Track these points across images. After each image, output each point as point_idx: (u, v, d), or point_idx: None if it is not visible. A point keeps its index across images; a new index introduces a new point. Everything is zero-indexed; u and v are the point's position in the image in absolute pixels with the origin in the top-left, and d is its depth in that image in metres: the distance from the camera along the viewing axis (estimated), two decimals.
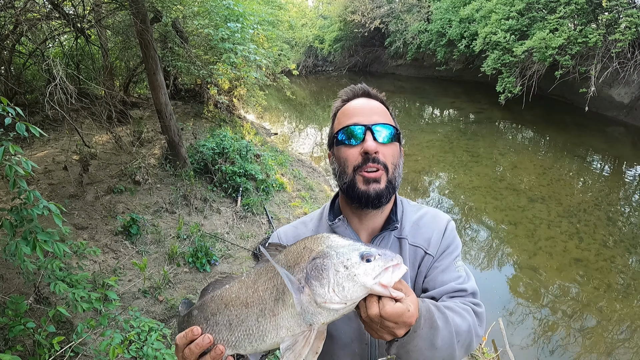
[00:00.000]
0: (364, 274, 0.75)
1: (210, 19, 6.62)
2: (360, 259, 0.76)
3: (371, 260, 0.76)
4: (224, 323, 0.87)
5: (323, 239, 0.83)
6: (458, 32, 15.65)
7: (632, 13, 10.18)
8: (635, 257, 5.69)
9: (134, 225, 4.81)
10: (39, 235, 2.16)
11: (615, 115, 11.80)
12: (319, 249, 0.81)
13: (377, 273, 0.75)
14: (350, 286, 0.75)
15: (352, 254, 0.77)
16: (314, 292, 0.76)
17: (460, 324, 0.94)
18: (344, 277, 0.75)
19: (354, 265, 0.76)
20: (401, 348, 0.85)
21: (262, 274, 0.87)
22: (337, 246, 0.80)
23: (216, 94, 9.16)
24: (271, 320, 0.81)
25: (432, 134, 11.65)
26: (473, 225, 6.80)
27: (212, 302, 0.91)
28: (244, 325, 0.84)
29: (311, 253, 0.81)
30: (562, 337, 4.37)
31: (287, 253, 0.86)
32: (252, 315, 0.83)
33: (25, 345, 2.67)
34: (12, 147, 2.02)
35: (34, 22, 5.06)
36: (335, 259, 0.77)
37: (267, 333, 0.81)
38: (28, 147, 6.64)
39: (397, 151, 1.09)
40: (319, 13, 27.52)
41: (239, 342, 0.85)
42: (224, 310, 0.88)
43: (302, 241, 0.86)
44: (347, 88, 1.15)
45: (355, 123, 1.05)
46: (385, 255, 0.77)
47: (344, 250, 0.78)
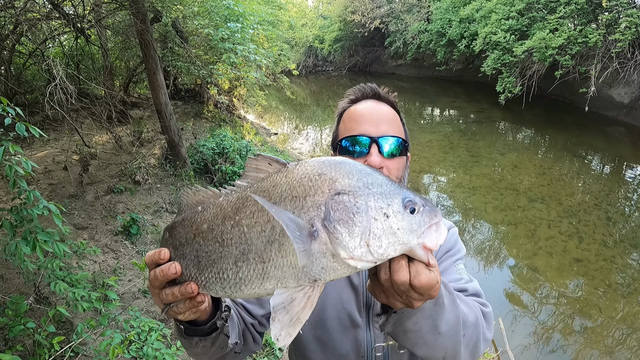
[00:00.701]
0: (408, 229, 0.60)
1: (210, 19, 6.62)
2: (404, 208, 0.60)
3: (415, 209, 0.61)
4: (191, 258, 0.69)
5: (349, 168, 0.63)
6: (458, 32, 15.65)
7: (632, 13, 10.18)
8: (635, 257, 5.69)
9: (134, 225, 4.81)
10: (39, 235, 2.16)
11: (615, 115, 11.80)
12: (347, 182, 0.61)
13: (422, 231, 0.61)
14: (390, 242, 0.58)
15: (394, 199, 0.60)
16: (337, 242, 0.58)
17: (468, 314, 0.83)
18: (383, 228, 0.58)
19: (397, 215, 0.59)
20: (399, 325, 0.74)
21: (249, 200, 0.64)
22: (373, 183, 0.61)
23: (216, 94, 9.17)
24: (256, 268, 0.62)
25: (432, 134, 11.65)
26: (473, 225, 6.80)
27: (182, 228, 0.72)
28: (217, 266, 0.65)
29: (333, 184, 0.61)
30: (562, 337, 4.37)
31: (291, 176, 0.63)
32: (228, 256, 0.64)
33: (25, 345, 2.67)
34: (12, 147, 2.03)
35: (34, 22, 5.06)
36: (372, 200, 0.59)
37: (247, 282, 0.63)
38: (28, 147, 6.64)
39: (403, 164, 1.04)
40: (319, 13, 27.53)
41: (209, 284, 0.67)
42: (192, 242, 0.69)
43: (315, 163, 0.64)
44: (356, 87, 1.09)
45: (362, 133, 0.99)
46: (430, 207, 0.62)
47: (384, 191, 0.61)
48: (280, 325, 0.58)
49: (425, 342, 0.76)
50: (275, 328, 0.58)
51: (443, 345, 0.78)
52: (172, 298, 0.69)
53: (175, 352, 2.58)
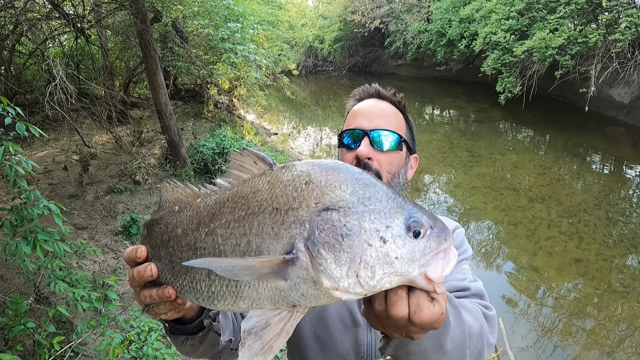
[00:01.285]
0: (409, 257, 0.50)
1: (210, 19, 6.62)
2: (407, 230, 0.50)
3: (420, 233, 0.51)
4: (166, 262, 0.62)
5: (342, 177, 0.52)
6: (458, 32, 15.65)
7: (632, 13, 10.18)
8: (635, 257, 5.69)
9: (134, 225, 4.81)
10: (39, 235, 2.16)
11: (615, 115, 11.80)
12: (338, 195, 0.51)
13: (427, 260, 0.51)
14: (385, 273, 0.49)
15: (395, 219, 0.50)
16: (320, 268, 0.49)
17: (473, 324, 0.79)
18: (378, 256, 0.49)
19: (396, 240, 0.49)
20: (401, 348, 0.68)
21: (227, 206, 0.56)
22: (371, 198, 0.51)
23: (216, 94, 9.18)
24: (229, 284, 0.55)
25: (432, 134, 11.65)
26: (473, 225, 6.80)
27: (157, 228, 0.66)
28: (190, 275, 0.59)
29: (321, 197, 0.51)
30: (562, 337, 4.37)
31: (275, 183, 0.54)
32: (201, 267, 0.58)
33: (25, 345, 2.67)
34: (12, 147, 2.03)
35: (34, 22, 5.06)
36: (368, 220, 0.49)
37: (219, 298, 0.57)
38: (28, 147, 6.64)
39: (399, 159, 1.04)
40: (319, 13, 27.53)
41: (183, 291, 0.61)
42: (167, 246, 0.62)
43: (304, 168, 0.55)
44: (360, 87, 1.13)
45: (356, 127, 1.03)
46: (439, 230, 0.52)
47: (383, 208, 0.50)
48: (249, 352, 0.51)
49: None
50: (244, 355, 0.51)
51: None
52: (151, 300, 0.65)
53: (175, 352, 2.58)
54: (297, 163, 0.57)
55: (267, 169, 0.58)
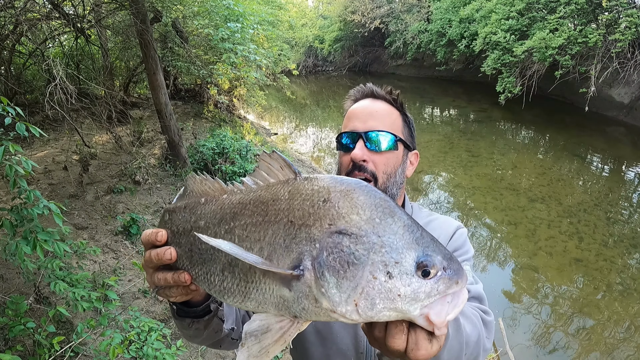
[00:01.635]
0: (412, 297, 0.49)
1: (210, 19, 6.62)
2: (416, 268, 0.50)
3: (430, 273, 0.50)
4: (185, 250, 0.65)
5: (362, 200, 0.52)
6: (458, 32, 15.66)
7: (632, 13, 10.18)
8: (635, 257, 5.69)
9: (134, 225, 4.81)
10: (39, 235, 2.16)
11: (615, 115, 11.81)
12: (353, 220, 0.50)
13: (431, 302, 0.50)
14: (383, 307, 0.49)
15: (406, 256, 0.50)
16: (321, 290, 0.50)
17: (471, 334, 0.80)
18: (380, 290, 0.49)
19: (402, 277, 0.49)
20: None
21: (248, 208, 0.58)
22: (385, 229, 0.50)
23: (216, 94, 9.18)
24: (239, 284, 0.57)
25: (432, 134, 11.65)
26: (473, 225, 6.80)
27: (181, 216, 0.68)
28: (206, 266, 0.62)
29: (336, 218, 0.51)
30: (562, 337, 4.37)
31: (295, 195, 0.55)
32: (217, 262, 0.60)
33: (25, 345, 2.67)
34: (12, 147, 2.02)
35: (34, 22, 5.06)
36: (377, 253, 0.49)
37: (230, 294, 0.59)
38: (28, 147, 6.64)
39: (395, 159, 1.04)
40: (319, 13, 27.53)
41: (198, 280, 0.64)
42: (188, 235, 0.65)
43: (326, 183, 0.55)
44: (356, 88, 1.14)
45: (351, 129, 1.05)
46: (453, 271, 0.51)
47: (397, 242, 0.50)
48: (247, 353, 0.53)
49: None
50: (242, 355, 0.53)
51: None
52: (164, 283, 0.67)
53: (175, 352, 2.58)
54: (320, 177, 0.57)
55: (292, 177, 0.58)
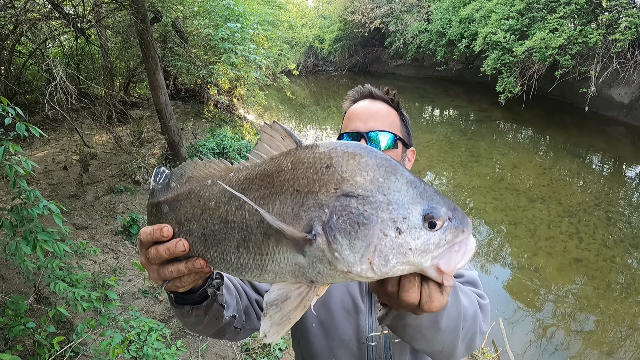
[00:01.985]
0: (423, 249, 0.51)
1: (210, 19, 6.62)
2: (423, 221, 0.51)
3: (437, 224, 0.51)
4: (198, 235, 0.64)
5: (364, 162, 0.53)
6: (458, 32, 15.66)
7: (632, 13, 10.18)
8: (635, 257, 5.69)
9: (134, 225, 4.81)
10: (39, 235, 2.16)
11: (615, 115, 11.81)
12: (358, 181, 0.52)
13: (440, 252, 0.52)
14: (397, 262, 0.50)
15: (412, 209, 0.51)
16: (335, 253, 0.51)
17: (468, 307, 0.81)
18: (392, 246, 0.50)
19: (411, 231, 0.50)
20: (399, 320, 0.71)
21: (255, 183, 0.59)
22: (389, 187, 0.51)
23: (216, 94, 9.17)
24: (255, 258, 0.58)
25: (432, 134, 11.65)
26: (473, 225, 6.79)
27: (187, 202, 0.66)
28: (221, 246, 0.61)
29: (341, 183, 0.52)
30: (562, 337, 4.37)
31: (298, 164, 0.56)
32: (231, 238, 0.60)
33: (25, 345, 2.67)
34: (12, 147, 2.02)
35: (34, 22, 5.06)
36: (385, 211, 0.50)
37: (247, 270, 0.60)
38: (28, 147, 6.64)
39: (396, 156, 1.09)
40: (319, 13, 27.53)
41: (214, 262, 0.64)
42: (199, 218, 0.64)
43: (327, 149, 0.56)
44: (354, 89, 1.18)
45: (353, 130, 1.08)
46: (458, 220, 0.53)
47: (401, 199, 0.51)
48: (270, 322, 0.55)
49: (424, 336, 0.75)
50: (266, 324, 0.55)
51: (442, 339, 0.77)
52: (177, 274, 0.66)
53: (175, 352, 2.58)
54: (320, 144, 0.58)
55: (293, 147, 0.59)
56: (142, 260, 0.69)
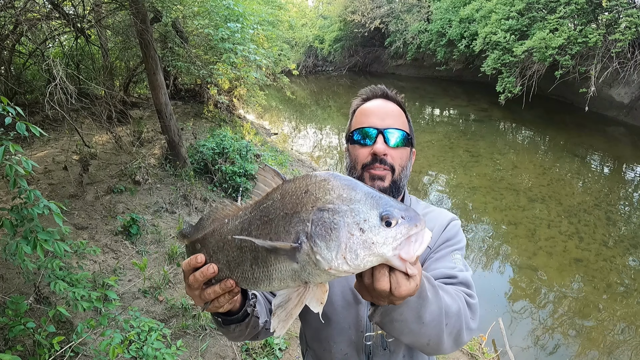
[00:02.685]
0: (383, 242, 0.64)
1: (210, 19, 6.61)
2: (380, 221, 0.64)
3: (392, 223, 0.64)
4: (224, 262, 0.82)
5: (330, 185, 0.69)
6: (458, 32, 15.66)
7: (632, 13, 10.19)
8: (635, 257, 5.69)
9: (134, 225, 4.81)
10: (39, 235, 2.16)
11: (615, 115, 11.81)
12: (327, 198, 0.68)
13: (399, 243, 0.64)
14: (365, 255, 0.64)
15: (370, 213, 0.65)
16: (317, 254, 0.65)
17: (450, 304, 0.90)
18: (358, 242, 0.64)
19: (372, 229, 0.64)
20: (386, 316, 0.82)
21: (257, 215, 0.77)
22: (351, 199, 0.67)
23: (216, 94, 9.17)
24: (264, 271, 0.74)
25: (432, 134, 11.65)
26: (473, 225, 6.80)
27: (212, 238, 0.85)
28: (240, 268, 0.79)
29: (316, 202, 0.68)
30: (562, 337, 4.37)
31: (285, 194, 0.73)
32: (246, 260, 0.77)
33: (25, 345, 2.67)
34: (13, 147, 2.02)
35: (34, 22, 5.06)
36: (349, 217, 0.65)
37: (260, 282, 0.76)
38: (28, 147, 6.64)
39: (407, 154, 1.17)
40: (319, 13, 27.52)
41: (239, 281, 0.81)
42: (222, 249, 0.82)
43: (304, 180, 0.73)
44: (367, 87, 1.22)
45: (370, 125, 1.13)
46: (409, 218, 0.65)
47: (360, 207, 0.66)
48: (278, 319, 0.72)
49: (411, 330, 0.84)
50: (274, 321, 0.72)
51: (427, 333, 0.86)
52: (214, 295, 0.82)
53: (175, 351, 2.58)
54: (298, 177, 0.74)
55: (280, 182, 0.77)
56: (186, 290, 0.86)
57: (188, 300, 4.01)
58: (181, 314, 3.83)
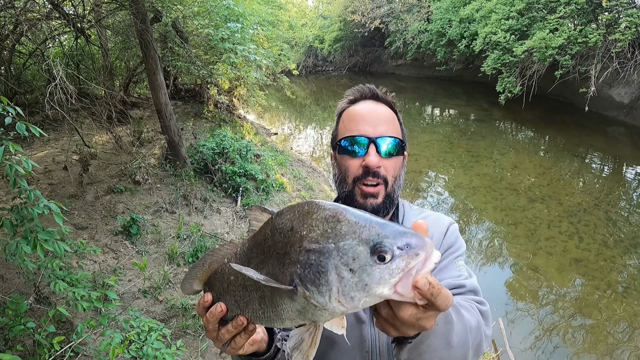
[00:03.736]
0: (378, 282, 0.55)
1: (210, 19, 6.61)
2: (371, 255, 0.55)
3: (386, 257, 0.55)
4: (233, 302, 0.79)
5: (314, 218, 0.62)
6: (458, 32, 15.66)
7: (632, 13, 10.19)
8: (635, 257, 5.69)
9: (134, 225, 4.81)
10: (39, 234, 2.16)
11: (615, 115, 11.81)
12: (311, 235, 0.60)
13: (397, 280, 0.55)
14: (361, 297, 0.57)
15: (359, 250, 0.56)
16: (310, 298, 0.60)
17: (470, 319, 0.85)
18: (351, 285, 0.56)
19: (363, 269, 0.55)
20: (414, 350, 0.74)
21: (253, 253, 0.73)
22: (336, 235, 0.58)
23: (216, 94, 9.17)
24: (273, 310, 0.70)
25: (432, 134, 11.65)
26: (473, 225, 6.80)
27: (216, 281, 0.82)
28: (250, 307, 0.75)
29: (302, 242, 0.61)
30: (562, 337, 4.37)
31: (274, 232, 0.67)
32: (254, 299, 0.73)
33: (26, 345, 2.67)
34: (13, 147, 2.02)
35: (34, 22, 5.06)
36: (336, 257, 0.57)
37: (272, 320, 0.72)
38: (28, 147, 6.64)
39: (400, 162, 1.07)
40: (319, 13, 27.53)
41: (251, 319, 0.78)
42: (228, 290, 0.79)
43: (289, 214, 0.66)
44: (354, 88, 1.11)
45: (361, 134, 1.02)
46: (408, 247, 0.55)
47: (348, 244, 0.57)
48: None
49: (440, 358, 0.77)
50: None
51: (455, 356, 0.80)
52: (228, 334, 0.78)
53: (175, 351, 2.58)
54: (284, 210, 0.69)
55: (269, 217, 0.72)
56: (206, 334, 0.83)
57: (188, 300, 4.01)
58: (181, 314, 3.83)
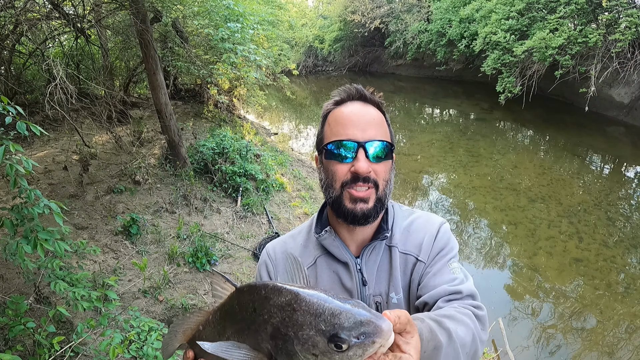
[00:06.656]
0: None
1: (210, 19, 6.62)
2: (328, 344, 0.59)
3: (343, 347, 0.58)
4: None
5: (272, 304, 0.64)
6: (458, 32, 15.65)
7: (632, 13, 10.18)
8: (635, 257, 5.69)
9: (134, 225, 4.81)
10: (40, 234, 2.16)
11: (615, 115, 11.81)
12: (272, 321, 0.63)
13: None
14: None
15: (317, 339, 0.59)
16: None
17: (465, 336, 0.83)
18: None
19: (325, 354, 0.59)
20: None
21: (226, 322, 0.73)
22: (294, 324, 0.61)
23: (216, 94, 9.17)
24: None
25: (432, 134, 11.65)
26: (473, 225, 6.80)
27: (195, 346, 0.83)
28: None
29: (265, 325, 0.64)
30: (562, 337, 4.37)
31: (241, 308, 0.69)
32: None
33: (25, 345, 2.67)
34: (13, 146, 2.02)
35: (34, 22, 5.06)
36: (298, 345, 0.60)
37: None
38: (28, 147, 6.64)
39: (390, 166, 1.02)
40: (319, 13, 27.53)
41: None
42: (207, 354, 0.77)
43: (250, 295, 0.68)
44: (341, 88, 1.05)
45: (349, 138, 0.97)
46: (365, 335, 0.58)
47: (306, 334, 0.60)
48: None
49: None
50: None
51: None
52: None
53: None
54: (244, 288, 0.70)
55: (232, 290, 0.74)
56: None
57: (188, 300, 4.01)
58: (181, 313, 3.83)
